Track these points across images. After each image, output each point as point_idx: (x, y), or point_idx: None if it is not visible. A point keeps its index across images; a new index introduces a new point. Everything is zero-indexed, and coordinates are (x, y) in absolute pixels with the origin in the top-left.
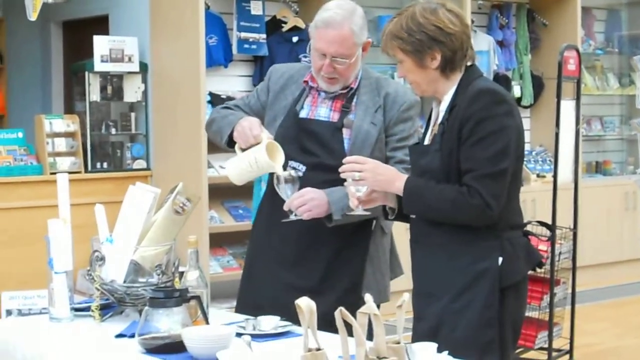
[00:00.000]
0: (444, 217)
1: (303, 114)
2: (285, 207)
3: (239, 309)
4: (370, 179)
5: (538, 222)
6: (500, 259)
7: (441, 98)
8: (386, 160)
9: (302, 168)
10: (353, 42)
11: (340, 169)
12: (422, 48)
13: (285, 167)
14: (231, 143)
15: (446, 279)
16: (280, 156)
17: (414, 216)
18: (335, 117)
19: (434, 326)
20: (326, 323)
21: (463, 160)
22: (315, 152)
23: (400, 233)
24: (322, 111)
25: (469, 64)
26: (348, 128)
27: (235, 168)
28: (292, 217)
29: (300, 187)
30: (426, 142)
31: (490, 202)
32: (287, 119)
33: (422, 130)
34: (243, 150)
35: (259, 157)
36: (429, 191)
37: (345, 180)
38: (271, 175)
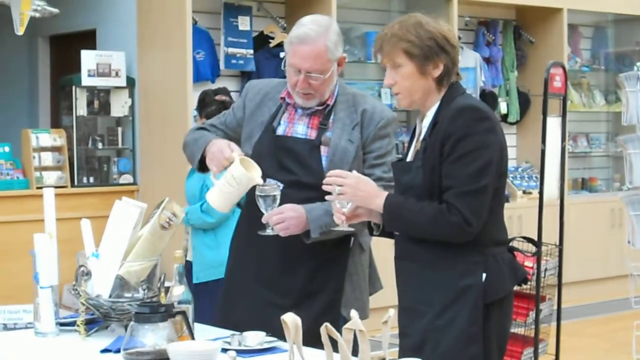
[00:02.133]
0: (424, 234)
1: (280, 131)
2: (264, 220)
3: (217, 326)
4: (350, 194)
5: (523, 237)
6: (484, 275)
7: (425, 113)
8: None
9: (280, 186)
10: (327, 58)
11: (324, 181)
12: (430, 54)
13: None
14: (203, 167)
15: (430, 295)
16: (256, 170)
17: (397, 233)
18: (312, 134)
19: (419, 342)
20: (305, 339)
21: (444, 177)
22: (293, 169)
23: (380, 248)
24: (300, 128)
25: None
26: (325, 145)
27: (217, 195)
28: (269, 232)
29: (279, 205)
30: (409, 158)
31: (469, 219)
32: (264, 135)
33: (407, 146)
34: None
35: (235, 173)
36: (408, 208)
37: (325, 195)
38: (252, 189)
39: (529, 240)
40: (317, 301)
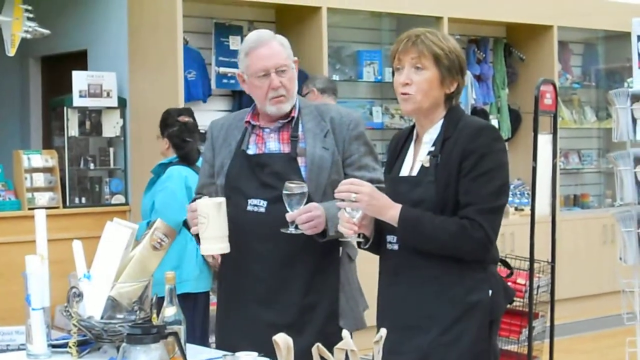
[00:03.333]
0: (442, 249)
1: (251, 152)
2: (289, 218)
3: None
4: (365, 202)
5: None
6: (490, 292)
7: (427, 128)
8: None
9: (263, 204)
10: (286, 54)
11: (336, 191)
12: (452, 69)
13: (245, 206)
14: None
15: (436, 311)
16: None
17: (394, 248)
18: (285, 148)
19: (419, 359)
20: (310, 357)
21: (463, 193)
22: (274, 185)
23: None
24: (272, 145)
25: None
26: (302, 156)
27: (203, 243)
28: (292, 230)
29: (263, 224)
30: (406, 172)
31: (491, 236)
32: (236, 159)
33: (392, 160)
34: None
35: (199, 209)
36: (427, 222)
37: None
38: (235, 211)
39: (503, 262)
40: (317, 314)
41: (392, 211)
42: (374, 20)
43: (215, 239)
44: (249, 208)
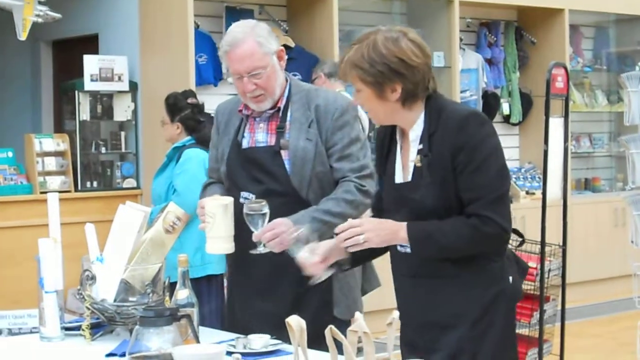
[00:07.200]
0: (459, 253)
1: (245, 144)
2: (255, 239)
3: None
4: (375, 238)
5: None
6: (511, 278)
7: (406, 128)
8: (332, 172)
9: (252, 197)
10: (262, 52)
11: (340, 238)
12: (383, 80)
13: (239, 198)
14: None
15: (462, 308)
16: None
17: (407, 251)
18: (272, 140)
19: (452, 354)
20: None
21: (464, 189)
22: (261, 179)
23: None
24: (260, 136)
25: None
26: (285, 149)
27: (209, 242)
28: (261, 249)
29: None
30: (401, 177)
31: (505, 226)
32: (232, 152)
33: (381, 161)
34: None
35: (207, 208)
36: (438, 232)
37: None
38: (238, 210)
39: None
40: (310, 305)
41: (401, 233)
42: (384, 3)
43: (220, 239)
44: (241, 200)
